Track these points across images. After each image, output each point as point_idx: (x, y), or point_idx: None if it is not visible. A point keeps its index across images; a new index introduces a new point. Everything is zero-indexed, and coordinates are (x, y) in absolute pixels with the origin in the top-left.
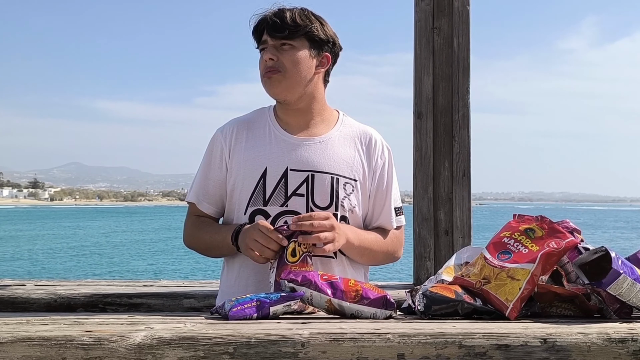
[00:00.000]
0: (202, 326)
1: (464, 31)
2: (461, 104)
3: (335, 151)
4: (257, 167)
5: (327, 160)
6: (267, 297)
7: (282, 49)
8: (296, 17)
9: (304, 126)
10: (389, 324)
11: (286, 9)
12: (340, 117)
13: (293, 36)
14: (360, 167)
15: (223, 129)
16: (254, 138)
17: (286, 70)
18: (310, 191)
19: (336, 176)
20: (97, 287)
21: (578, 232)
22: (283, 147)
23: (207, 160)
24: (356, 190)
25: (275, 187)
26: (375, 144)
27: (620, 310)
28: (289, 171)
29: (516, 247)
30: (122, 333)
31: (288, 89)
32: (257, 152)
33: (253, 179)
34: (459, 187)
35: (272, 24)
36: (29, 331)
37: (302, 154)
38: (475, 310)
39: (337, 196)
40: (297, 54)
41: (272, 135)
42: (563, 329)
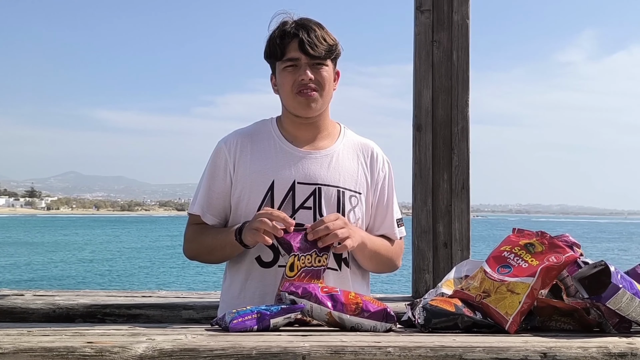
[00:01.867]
0: (203, 338)
1: (464, 44)
2: (460, 117)
3: (340, 164)
4: (264, 180)
5: (333, 174)
6: (267, 309)
7: (316, 67)
8: (327, 37)
9: (310, 139)
10: (389, 337)
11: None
12: (342, 130)
13: (327, 57)
14: (363, 180)
15: (227, 141)
16: (259, 150)
17: (322, 89)
18: (317, 204)
19: (342, 189)
20: (96, 298)
21: (577, 247)
22: (289, 160)
23: (210, 172)
24: (360, 203)
25: (283, 200)
26: (376, 158)
27: (620, 324)
28: (296, 184)
29: (516, 261)
30: (124, 344)
31: (321, 108)
32: (263, 165)
33: (260, 192)
34: (458, 199)
35: (308, 42)
36: (30, 342)
37: (308, 167)
38: (475, 324)
39: (343, 209)
40: (328, 73)
41: (277, 147)
42: (563, 343)
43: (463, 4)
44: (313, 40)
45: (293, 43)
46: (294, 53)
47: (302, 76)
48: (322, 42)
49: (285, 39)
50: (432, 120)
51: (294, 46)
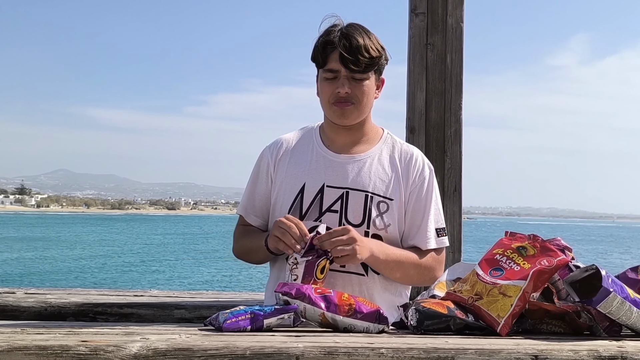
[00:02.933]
0: (197, 338)
1: (458, 48)
2: (453, 120)
3: (372, 169)
4: (297, 182)
5: (363, 179)
6: (261, 309)
7: (355, 80)
8: (370, 49)
9: (348, 144)
10: (382, 338)
11: (356, 35)
12: (384, 135)
13: (368, 70)
14: (397, 186)
15: (271, 146)
16: (297, 154)
17: (358, 102)
18: (344, 208)
19: (370, 194)
20: (88, 296)
21: (569, 250)
22: (322, 163)
23: (254, 175)
24: (391, 209)
25: (312, 203)
26: (415, 163)
27: (610, 328)
28: (325, 187)
29: (508, 265)
30: (118, 343)
31: (357, 118)
32: (298, 168)
33: (292, 194)
34: (450, 202)
35: (349, 55)
36: (24, 340)
37: (339, 171)
38: (467, 326)
39: (369, 214)
40: (368, 86)
41: (314, 152)
42: (554, 346)
43: (457, 7)
44: (354, 53)
45: (334, 54)
46: (334, 64)
47: (339, 89)
48: (363, 56)
49: (328, 49)
50: (426, 123)
51: (335, 57)
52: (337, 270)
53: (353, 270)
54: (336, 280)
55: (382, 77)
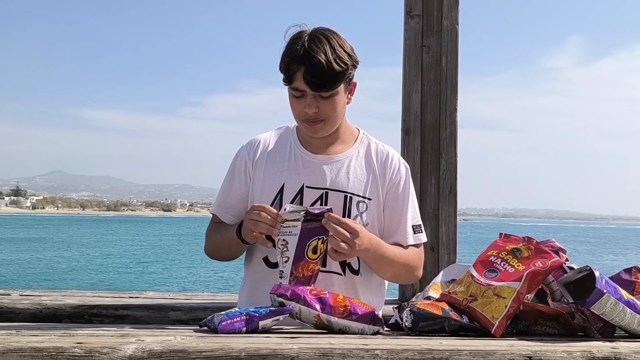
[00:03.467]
0: (192, 339)
1: (453, 50)
2: (449, 122)
3: (351, 170)
4: (275, 183)
5: (342, 179)
6: (256, 311)
7: (322, 97)
8: (334, 66)
9: (324, 145)
10: (377, 339)
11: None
12: (360, 136)
13: (334, 87)
14: (375, 186)
15: (247, 145)
16: (275, 154)
17: (328, 118)
18: None
19: (350, 194)
20: (83, 298)
21: (563, 252)
22: (301, 164)
23: (230, 174)
24: (370, 209)
25: (291, 203)
26: (391, 162)
27: (604, 329)
28: (304, 188)
29: (503, 266)
30: (113, 345)
31: (328, 132)
32: (276, 169)
33: (271, 194)
34: (445, 203)
35: (311, 77)
36: (20, 342)
37: (318, 172)
38: (461, 327)
39: (349, 214)
40: (337, 100)
41: (292, 152)
42: (548, 347)
43: (453, 9)
44: (318, 74)
45: (298, 73)
46: (299, 84)
47: (307, 109)
48: (327, 75)
49: (292, 68)
50: (421, 125)
51: (299, 76)
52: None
53: (333, 270)
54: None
55: (353, 81)
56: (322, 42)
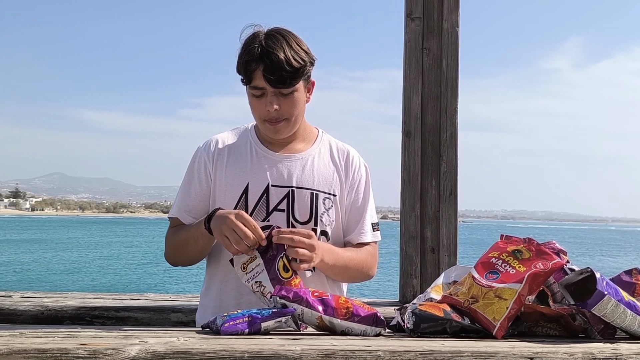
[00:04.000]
0: (195, 341)
1: (453, 52)
2: (449, 124)
3: (314, 167)
4: (239, 182)
5: (307, 177)
6: (259, 312)
7: (282, 95)
8: (292, 62)
9: (285, 143)
10: (379, 341)
11: (277, 50)
12: (320, 134)
13: (293, 83)
14: (338, 183)
15: (206, 145)
16: (236, 154)
17: (290, 116)
18: (290, 206)
19: (315, 192)
20: (84, 300)
21: (564, 253)
22: (265, 163)
23: (189, 175)
24: (335, 205)
25: (257, 203)
26: (352, 161)
27: (605, 330)
28: (270, 187)
29: (504, 268)
30: (117, 347)
31: (291, 130)
32: (239, 168)
33: (235, 195)
34: (445, 205)
35: (271, 74)
36: (23, 343)
37: (283, 171)
38: (463, 329)
39: (316, 211)
40: (296, 97)
41: (253, 151)
42: (549, 348)
43: (453, 12)
44: (277, 70)
45: (258, 71)
46: (259, 81)
47: (268, 107)
48: (286, 71)
49: (250, 66)
50: (421, 127)
51: (259, 74)
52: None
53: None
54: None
55: (311, 80)
56: (279, 40)
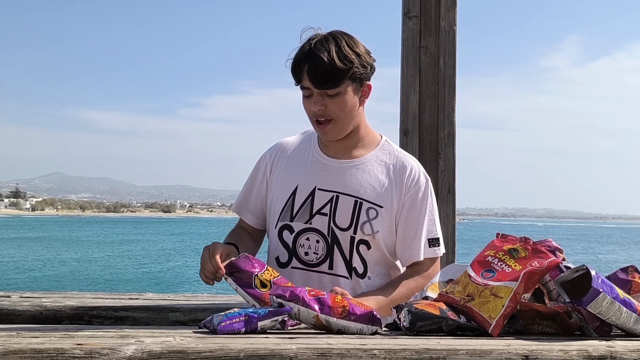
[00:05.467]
0: (191, 340)
1: (450, 50)
2: (447, 122)
3: (365, 175)
4: (290, 184)
5: (354, 184)
6: (255, 312)
7: (328, 96)
8: (336, 61)
9: (342, 149)
10: (375, 339)
11: (322, 51)
12: (381, 142)
13: (337, 84)
14: (389, 194)
15: (271, 149)
16: (294, 157)
17: (337, 117)
18: (333, 211)
19: (360, 200)
20: (83, 300)
21: (560, 251)
22: (316, 167)
23: (253, 175)
24: (381, 217)
25: (302, 205)
26: (409, 173)
27: (600, 328)
28: (316, 190)
29: (500, 266)
30: (113, 346)
31: (340, 132)
32: (293, 171)
33: (285, 195)
34: (444, 204)
35: (314, 74)
36: (20, 343)
37: (331, 175)
38: (459, 327)
39: (357, 219)
40: (344, 99)
41: (310, 156)
42: (544, 346)
43: (450, 10)
44: (318, 71)
45: (304, 72)
46: (306, 82)
47: (313, 107)
48: (328, 72)
49: (298, 66)
50: (419, 125)
51: (305, 75)
52: (325, 272)
53: (339, 273)
54: (324, 281)
55: (367, 83)
56: (329, 41)
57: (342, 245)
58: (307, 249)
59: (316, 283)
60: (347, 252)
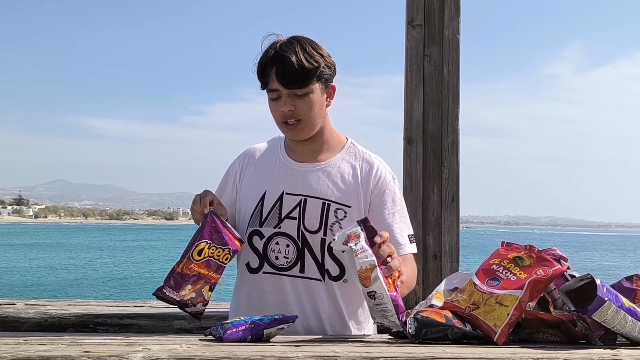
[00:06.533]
0: (198, 348)
1: (454, 59)
2: (450, 130)
3: (331, 177)
4: (259, 190)
5: (321, 187)
6: (261, 319)
7: (297, 96)
8: (303, 61)
9: (309, 153)
10: (380, 347)
11: (289, 53)
12: (347, 144)
13: (306, 84)
14: (355, 194)
15: (240, 155)
16: (262, 163)
17: (305, 117)
18: (301, 215)
19: (328, 202)
20: (88, 307)
21: (565, 260)
22: (283, 172)
23: (223, 182)
24: (350, 216)
25: (271, 210)
26: (375, 172)
27: (605, 336)
28: (284, 195)
29: (505, 275)
30: (121, 354)
31: (309, 132)
32: (261, 177)
33: (254, 201)
34: (447, 212)
35: (283, 75)
36: (28, 351)
37: (298, 179)
38: (464, 335)
39: (326, 221)
40: (312, 98)
41: (277, 161)
42: (550, 354)
43: (454, 19)
44: (288, 71)
45: (272, 74)
46: (274, 84)
47: (283, 108)
48: (296, 72)
49: (265, 70)
50: (423, 133)
51: (273, 77)
52: (296, 275)
53: (311, 276)
54: (297, 285)
55: (331, 84)
56: (293, 44)
57: (312, 248)
58: (278, 253)
59: (289, 287)
60: (319, 255)
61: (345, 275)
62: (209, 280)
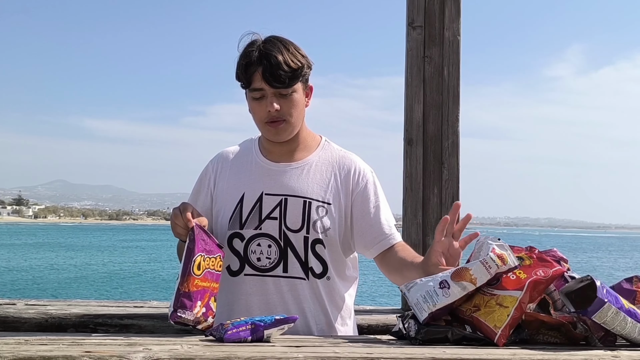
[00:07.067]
0: (199, 348)
1: (454, 60)
2: (451, 132)
3: (310, 176)
4: (236, 192)
5: (301, 185)
6: (261, 320)
7: (281, 96)
8: (290, 63)
9: (285, 153)
10: (381, 348)
11: (275, 52)
12: (322, 143)
13: (292, 84)
14: (335, 191)
15: (213, 159)
16: (238, 165)
17: (290, 117)
18: (283, 214)
19: (309, 200)
20: (88, 308)
21: (565, 261)
22: (261, 173)
23: (197, 187)
24: (330, 213)
25: (251, 211)
26: (353, 169)
27: (605, 338)
28: (264, 196)
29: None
30: (121, 354)
31: (291, 133)
32: (238, 180)
33: (232, 204)
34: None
35: (270, 75)
36: (29, 351)
37: (277, 179)
38: (464, 337)
39: (309, 219)
40: (296, 98)
41: (253, 162)
42: (550, 355)
43: (454, 20)
44: (275, 70)
45: (257, 73)
46: (259, 83)
47: (269, 107)
48: (284, 71)
49: (250, 69)
50: (423, 135)
51: (258, 76)
52: (279, 275)
53: (294, 275)
54: (280, 285)
55: (309, 85)
56: (276, 44)
57: (295, 247)
58: (259, 254)
59: (272, 288)
60: (302, 253)
61: (328, 272)
62: (213, 292)
